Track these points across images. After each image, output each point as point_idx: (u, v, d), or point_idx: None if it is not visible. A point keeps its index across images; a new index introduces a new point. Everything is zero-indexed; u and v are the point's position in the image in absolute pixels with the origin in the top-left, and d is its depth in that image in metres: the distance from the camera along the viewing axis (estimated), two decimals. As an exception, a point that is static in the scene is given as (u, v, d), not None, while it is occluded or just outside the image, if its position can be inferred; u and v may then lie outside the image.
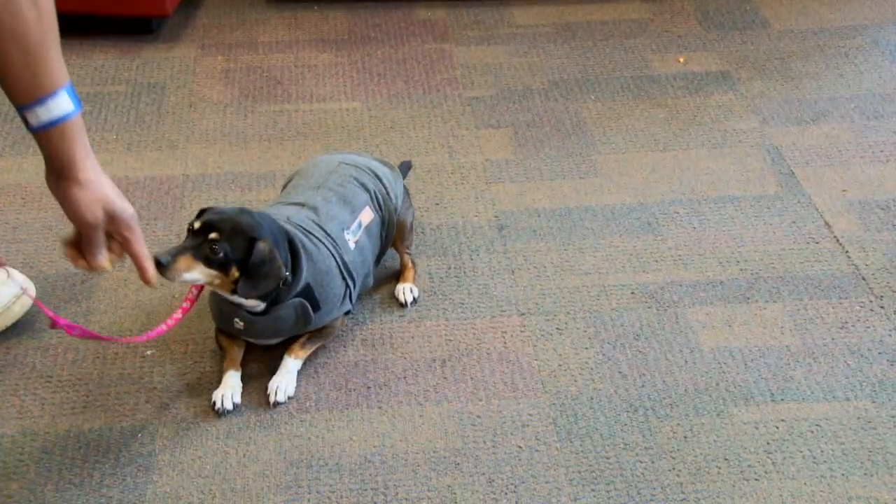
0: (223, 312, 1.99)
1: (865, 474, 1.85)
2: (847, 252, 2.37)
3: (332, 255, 2.01)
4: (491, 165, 2.66)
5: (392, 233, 2.19)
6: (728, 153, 2.71)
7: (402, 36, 3.25)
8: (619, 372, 2.06)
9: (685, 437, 1.92)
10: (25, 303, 2.10)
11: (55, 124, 1.33)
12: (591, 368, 2.06)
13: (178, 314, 1.93)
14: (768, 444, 1.90)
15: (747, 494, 1.81)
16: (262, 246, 1.84)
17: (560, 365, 2.07)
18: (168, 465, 1.86)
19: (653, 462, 1.87)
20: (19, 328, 2.12)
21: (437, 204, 2.51)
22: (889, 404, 1.99)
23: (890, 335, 2.14)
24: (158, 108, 2.89)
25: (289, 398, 1.97)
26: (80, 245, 1.46)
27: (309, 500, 1.80)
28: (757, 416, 1.96)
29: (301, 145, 2.74)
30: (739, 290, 2.26)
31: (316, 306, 1.98)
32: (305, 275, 1.95)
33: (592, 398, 2.00)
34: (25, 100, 1.32)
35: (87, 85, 2.98)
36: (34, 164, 2.65)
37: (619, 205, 2.52)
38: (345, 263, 2.03)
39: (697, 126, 2.82)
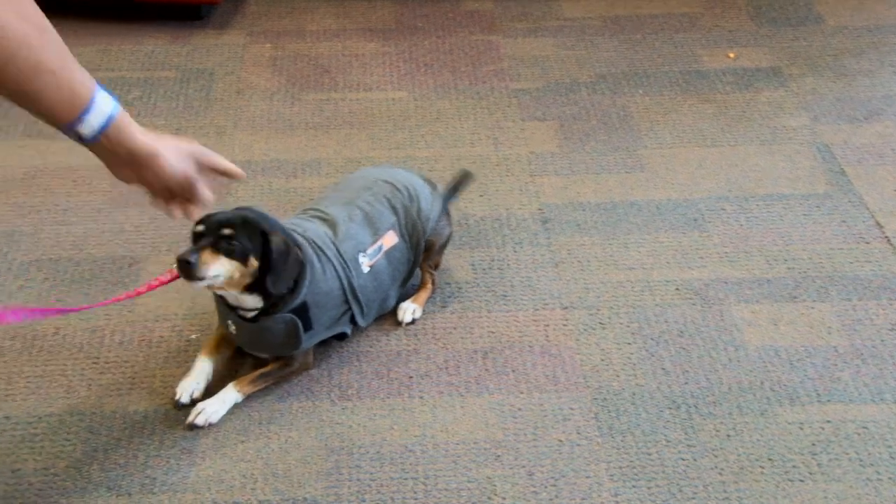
0: (221, 314, 1.98)
1: (913, 479, 1.82)
2: (898, 253, 2.33)
3: (339, 277, 1.96)
4: (536, 158, 2.65)
5: (419, 256, 2.13)
6: (777, 150, 2.67)
7: (450, 27, 3.24)
8: (662, 368, 2.04)
9: (728, 435, 1.90)
10: None
11: (109, 123, 1.31)
12: (634, 364, 2.05)
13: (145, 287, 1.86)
14: (813, 445, 1.88)
15: (791, 495, 1.79)
16: (277, 239, 1.83)
17: (602, 359, 2.06)
18: (211, 448, 1.88)
19: (695, 460, 1.85)
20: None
21: (482, 195, 2.50)
22: (938, 409, 1.95)
23: (941, 338, 2.11)
24: (207, 95, 2.91)
25: (210, 425, 1.90)
26: (172, 201, 1.44)
27: (349, 488, 1.81)
28: (802, 416, 1.93)
29: (347, 134, 2.75)
30: (786, 288, 2.23)
31: (308, 326, 1.93)
32: (305, 291, 1.90)
33: (635, 394, 1.98)
34: (72, 115, 1.27)
35: (137, 70, 3.01)
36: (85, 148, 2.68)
37: (665, 200, 2.50)
38: (352, 287, 1.98)
39: (746, 122, 2.78)
